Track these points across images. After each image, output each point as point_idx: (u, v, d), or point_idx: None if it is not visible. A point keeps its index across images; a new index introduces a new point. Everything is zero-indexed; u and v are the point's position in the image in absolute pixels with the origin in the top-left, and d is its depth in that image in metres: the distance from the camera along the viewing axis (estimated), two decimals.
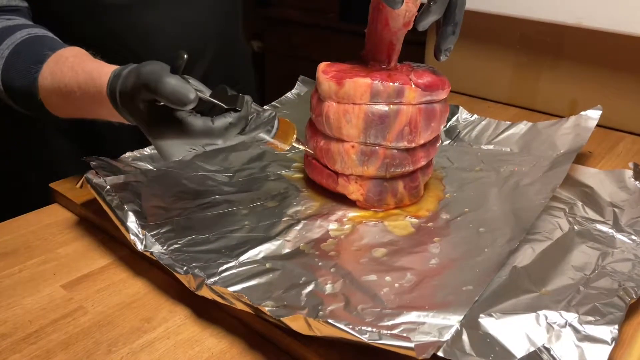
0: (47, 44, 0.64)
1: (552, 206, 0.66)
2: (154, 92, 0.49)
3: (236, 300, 0.49)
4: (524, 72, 1.02)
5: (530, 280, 0.54)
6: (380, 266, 0.56)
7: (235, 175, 0.74)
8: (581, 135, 0.78)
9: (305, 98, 0.99)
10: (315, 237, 0.61)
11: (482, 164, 0.77)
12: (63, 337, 0.50)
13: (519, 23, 0.98)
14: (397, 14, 0.60)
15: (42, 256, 0.61)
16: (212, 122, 0.51)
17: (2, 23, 0.66)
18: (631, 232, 0.61)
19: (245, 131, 0.54)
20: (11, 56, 0.64)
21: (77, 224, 0.68)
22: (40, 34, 0.66)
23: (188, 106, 0.49)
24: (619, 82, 0.92)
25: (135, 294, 0.56)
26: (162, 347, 0.49)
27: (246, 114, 0.53)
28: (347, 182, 0.66)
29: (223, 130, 0.51)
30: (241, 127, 0.53)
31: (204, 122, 0.51)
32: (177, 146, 0.53)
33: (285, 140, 0.60)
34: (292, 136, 0.61)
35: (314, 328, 0.45)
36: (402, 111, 0.61)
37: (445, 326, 0.47)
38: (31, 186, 0.84)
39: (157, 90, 0.49)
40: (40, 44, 0.64)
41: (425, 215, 0.65)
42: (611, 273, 0.54)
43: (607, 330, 0.46)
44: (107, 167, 0.68)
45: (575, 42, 0.95)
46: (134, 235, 0.58)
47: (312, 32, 2.41)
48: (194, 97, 0.48)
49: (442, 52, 0.62)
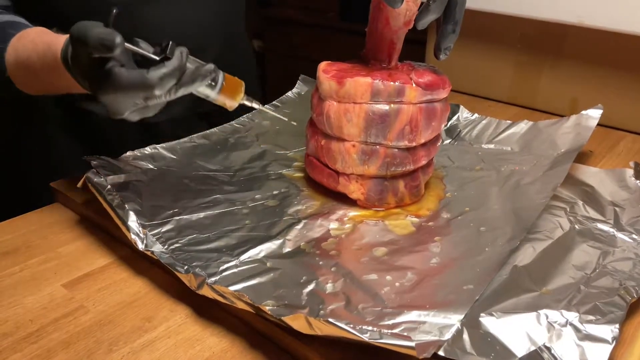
0: (14, 26, 0.67)
1: (552, 205, 0.66)
2: (84, 42, 0.50)
3: (237, 299, 0.49)
4: (524, 71, 1.02)
5: (531, 279, 0.54)
6: (380, 265, 0.56)
7: (236, 174, 0.74)
8: (582, 135, 0.78)
9: (306, 97, 0.99)
10: (316, 236, 0.61)
11: (482, 163, 0.77)
12: (64, 336, 0.50)
13: (520, 22, 0.98)
14: (397, 13, 0.60)
15: (43, 255, 0.61)
16: (147, 73, 0.52)
17: None
18: (632, 231, 0.61)
19: (182, 82, 0.55)
20: None
21: (78, 223, 0.68)
22: (8, 19, 0.68)
23: (115, 50, 0.49)
24: (619, 81, 0.92)
25: (136, 293, 0.56)
26: (162, 346, 0.50)
27: (180, 64, 0.54)
28: (347, 182, 0.66)
29: (157, 79, 0.52)
30: (177, 77, 0.54)
31: (139, 72, 0.52)
32: (120, 101, 0.54)
33: (233, 96, 0.60)
34: (239, 93, 0.60)
35: (314, 327, 0.45)
36: (402, 110, 0.61)
37: (446, 325, 0.47)
38: (33, 185, 0.84)
39: (86, 39, 0.50)
40: (8, 27, 0.67)
41: (426, 215, 0.65)
42: (612, 272, 0.54)
43: (607, 330, 0.46)
44: (108, 167, 0.68)
45: (576, 41, 0.95)
46: (135, 234, 0.58)
47: (312, 31, 2.41)
48: (119, 40, 0.49)
49: (442, 50, 0.62)
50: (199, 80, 0.56)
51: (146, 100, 0.54)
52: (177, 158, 0.76)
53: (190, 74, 0.55)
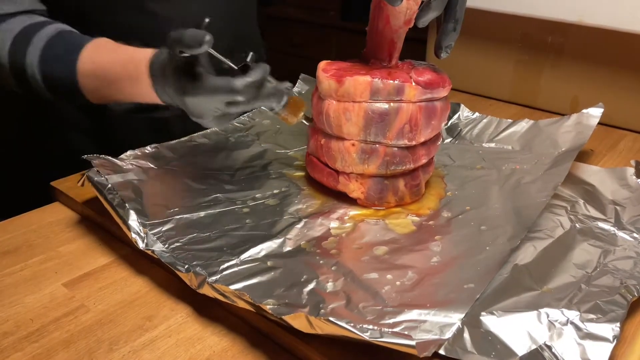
0: (80, 36, 0.71)
1: (553, 204, 0.66)
2: (179, 40, 0.54)
3: (237, 298, 0.49)
4: (525, 70, 1.02)
5: (531, 278, 0.54)
6: (381, 264, 0.56)
7: (237, 173, 0.74)
8: (583, 133, 0.78)
9: (306, 96, 0.99)
10: (317, 235, 0.61)
11: (483, 162, 0.77)
12: (65, 335, 0.51)
13: (521, 21, 0.98)
14: (397, 12, 0.60)
15: (44, 254, 0.62)
16: (233, 79, 0.57)
17: (30, 20, 0.72)
18: (633, 229, 0.61)
19: (262, 94, 0.59)
20: (47, 47, 0.70)
21: (78, 222, 0.68)
22: (69, 29, 0.72)
23: (204, 46, 0.53)
24: (620, 80, 0.92)
25: (136, 292, 0.56)
26: (163, 345, 0.50)
27: (264, 76, 0.59)
28: (347, 181, 0.66)
29: (243, 86, 0.57)
30: (258, 88, 0.59)
31: (226, 78, 0.57)
32: (204, 103, 0.58)
33: (295, 113, 0.65)
34: (301, 110, 0.65)
35: (315, 326, 0.45)
36: (402, 109, 0.61)
37: (447, 324, 0.47)
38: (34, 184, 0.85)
39: (182, 36, 0.54)
40: (73, 36, 0.71)
41: (427, 214, 0.65)
42: (613, 271, 0.54)
43: (608, 328, 0.46)
44: (109, 166, 0.68)
45: (577, 40, 0.95)
46: (136, 233, 0.58)
47: (313, 30, 2.41)
48: (209, 38, 0.53)
49: (442, 49, 0.62)
50: (278, 96, 0.62)
51: (228, 106, 0.59)
52: (177, 157, 0.76)
53: (271, 89, 0.60)
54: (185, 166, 0.74)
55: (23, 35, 0.70)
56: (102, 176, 0.65)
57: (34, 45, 0.69)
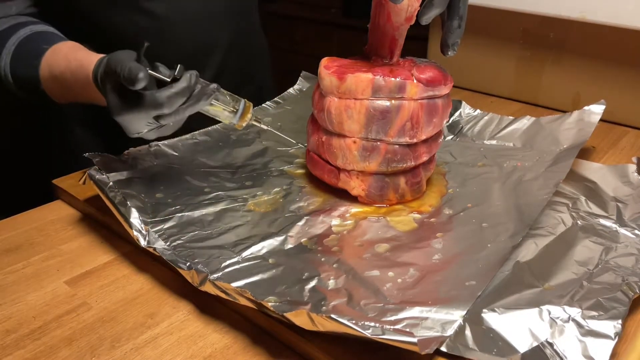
0: (47, 38, 0.71)
1: (555, 201, 0.66)
2: (115, 72, 0.56)
3: (239, 295, 0.49)
4: (527, 67, 1.02)
5: (533, 275, 0.54)
6: (383, 262, 0.56)
7: (238, 171, 0.74)
8: (584, 130, 0.78)
9: (307, 94, 0.99)
10: (318, 233, 0.61)
11: (485, 159, 0.77)
12: (67, 332, 0.51)
13: (522, 17, 0.97)
14: (399, 9, 0.60)
15: (46, 252, 0.62)
16: (155, 93, 0.57)
17: (9, 22, 0.73)
18: (634, 226, 0.61)
19: (189, 102, 0.59)
20: (16, 51, 0.71)
21: (80, 220, 0.68)
22: (41, 30, 0.73)
23: (138, 84, 0.54)
24: (622, 77, 0.92)
25: (138, 289, 0.56)
26: (165, 342, 0.50)
27: (189, 85, 0.58)
28: (348, 178, 0.66)
29: (165, 99, 0.57)
30: (185, 97, 0.58)
31: (150, 94, 0.57)
32: (132, 120, 0.58)
33: (242, 117, 0.65)
34: (247, 113, 0.65)
35: (317, 323, 0.45)
36: (403, 106, 0.61)
37: (448, 321, 0.47)
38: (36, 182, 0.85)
39: (116, 71, 0.55)
40: (41, 39, 0.71)
41: (428, 211, 0.65)
42: (614, 268, 0.54)
43: (610, 325, 0.46)
44: (110, 163, 0.68)
45: (579, 37, 0.95)
46: (137, 231, 0.58)
47: (314, 27, 2.41)
48: (142, 75, 0.54)
49: (449, 47, 0.61)
50: (204, 99, 0.60)
51: (158, 120, 0.59)
52: (179, 155, 0.76)
53: (195, 94, 0.59)
54: (187, 164, 0.74)
55: (0, 38, 0.71)
56: (104, 174, 0.65)
57: (7, 48, 0.71)
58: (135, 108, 0.57)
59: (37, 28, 0.72)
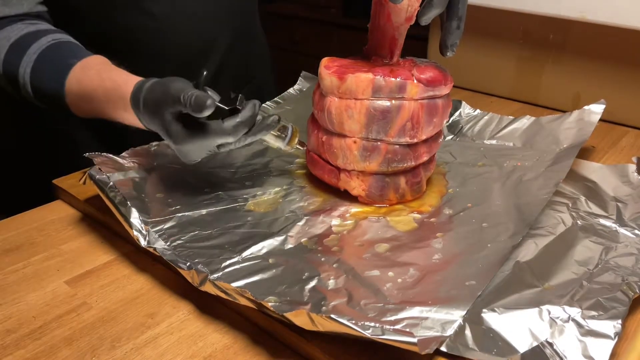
0: (73, 50, 0.70)
1: (555, 201, 0.66)
2: (175, 100, 0.56)
3: (239, 295, 0.49)
4: (526, 67, 1.02)
5: (533, 275, 0.54)
6: (383, 261, 0.56)
7: (238, 171, 0.74)
8: (584, 130, 0.78)
9: (307, 94, 0.99)
10: (318, 233, 0.61)
11: (485, 159, 0.77)
12: (67, 332, 0.51)
13: (522, 17, 0.97)
14: (399, 9, 0.60)
15: (46, 252, 0.62)
16: (223, 123, 0.57)
17: (27, 28, 0.71)
18: (634, 226, 0.61)
19: (252, 131, 0.60)
20: (39, 60, 0.69)
21: (80, 220, 0.68)
22: (64, 39, 0.71)
23: (205, 111, 0.54)
24: (622, 77, 0.92)
25: (138, 289, 0.56)
26: (165, 342, 0.50)
27: (253, 114, 0.59)
28: (348, 178, 0.66)
29: (232, 128, 0.57)
30: (249, 127, 0.59)
31: (216, 123, 0.57)
32: (196, 149, 0.60)
33: (291, 143, 0.67)
34: (295, 138, 0.67)
35: (317, 323, 0.45)
36: (404, 106, 0.61)
37: (448, 321, 0.47)
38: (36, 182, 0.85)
39: (180, 101, 0.56)
40: (66, 49, 0.70)
41: (428, 211, 0.65)
42: (614, 268, 0.54)
43: (610, 325, 0.46)
44: (110, 163, 0.68)
45: (579, 37, 0.95)
46: (137, 231, 0.58)
47: (314, 27, 2.41)
48: (210, 102, 0.54)
49: (448, 47, 0.61)
50: (266, 129, 0.62)
51: (219, 148, 0.60)
52: None
53: (258, 124, 0.61)
54: (187, 164, 0.74)
55: (19, 45, 0.70)
56: (104, 174, 0.65)
57: (28, 56, 0.69)
58: (200, 137, 0.58)
59: (59, 37, 0.71)
